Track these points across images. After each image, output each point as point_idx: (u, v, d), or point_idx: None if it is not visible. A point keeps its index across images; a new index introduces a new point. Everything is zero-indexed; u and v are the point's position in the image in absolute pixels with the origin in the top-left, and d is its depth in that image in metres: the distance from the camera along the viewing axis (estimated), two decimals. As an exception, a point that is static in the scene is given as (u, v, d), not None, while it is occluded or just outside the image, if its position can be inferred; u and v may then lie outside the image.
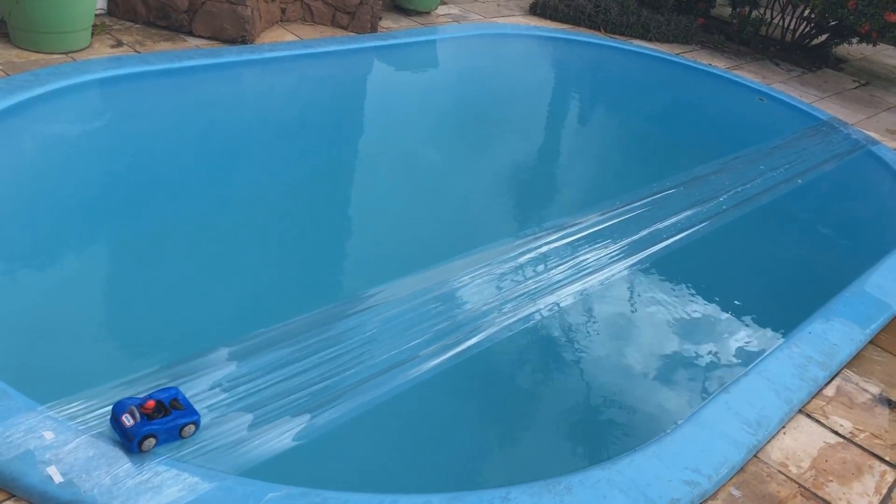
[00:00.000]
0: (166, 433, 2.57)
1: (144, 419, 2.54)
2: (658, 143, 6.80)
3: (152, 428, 2.52)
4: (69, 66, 5.02)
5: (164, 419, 2.57)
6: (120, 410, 2.56)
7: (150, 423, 2.53)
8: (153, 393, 2.68)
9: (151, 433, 2.52)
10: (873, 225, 5.83)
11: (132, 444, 2.50)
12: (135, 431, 2.50)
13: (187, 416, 2.63)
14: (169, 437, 2.59)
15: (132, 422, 2.52)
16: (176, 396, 2.68)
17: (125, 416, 2.53)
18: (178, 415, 2.61)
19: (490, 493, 2.61)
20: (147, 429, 2.51)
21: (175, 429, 2.60)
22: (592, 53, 8.19)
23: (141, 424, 2.51)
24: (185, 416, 2.62)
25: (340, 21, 6.86)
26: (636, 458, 2.88)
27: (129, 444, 2.51)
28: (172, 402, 2.65)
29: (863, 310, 4.16)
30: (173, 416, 2.60)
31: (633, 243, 4.57)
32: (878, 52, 10.71)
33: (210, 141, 5.04)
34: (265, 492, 2.43)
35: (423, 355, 3.31)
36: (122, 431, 2.52)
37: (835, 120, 7.41)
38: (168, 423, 2.57)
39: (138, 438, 2.49)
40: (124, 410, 2.55)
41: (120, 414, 2.55)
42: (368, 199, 4.78)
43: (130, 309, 3.40)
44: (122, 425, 2.52)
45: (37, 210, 3.89)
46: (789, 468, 3.07)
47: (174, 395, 2.68)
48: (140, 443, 2.50)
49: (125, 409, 2.56)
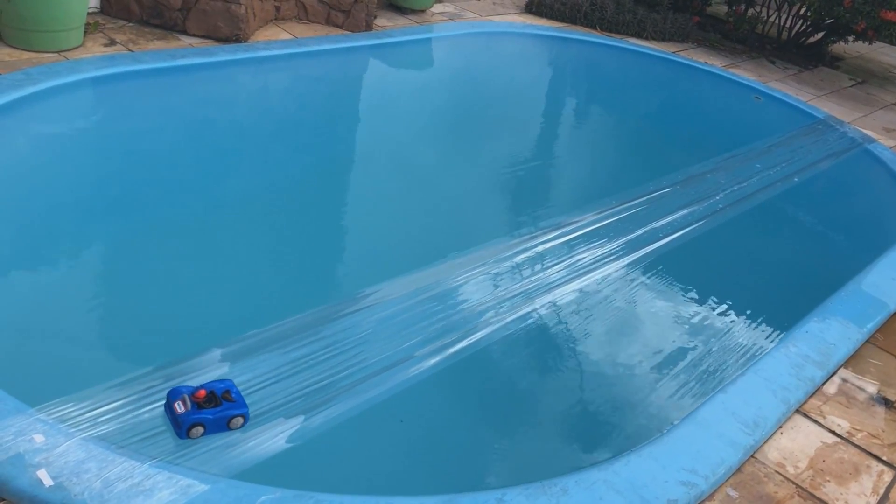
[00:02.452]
0: (214, 423, 2.64)
1: (195, 407, 2.62)
2: (654, 141, 6.78)
3: (201, 417, 2.61)
4: (62, 65, 4.99)
5: (214, 409, 2.64)
6: (174, 397, 2.65)
7: (199, 412, 2.61)
8: (207, 383, 2.75)
9: (200, 422, 2.60)
10: (870, 223, 5.83)
11: (181, 430, 2.59)
12: (184, 419, 2.59)
13: (237, 408, 2.69)
14: (217, 427, 2.66)
15: (183, 409, 2.61)
16: (229, 389, 2.74)
17: (177, 403, 2.63)
18: (228, 406, 2.68)
19: (485, 494, 2.59)
20: (196, 417, 2.60)
21: (223, 420, 2.66)
22: (588, 52, 8.18)
23: (191, 412, 2.60)
24: (234, 409, 2.68)
25: (335, 19, 6.83)
26: (632, 459, 2.86)
27: (177, 430, 2.60)
28: (225, 393, 2.71)
29: (860, 309, 4.15)
30: (223, 407, 2.66)
31: (629, 242, 4.56)
32: (874, 50, 10.71)
33: (204, 140, 5.01)
34: (258, 494, 2.41)
35: (419, 356, 3.29)
36: (173, 418, 2.61)
37: (831, 118, 7.40)
38: (217, 413, 2.64)
39: (187, 426, 2.58)
40: (177, 397, 2.64)
41: (173, 401, 2.64)
42: (363, 199, 4.76)
43: (122, 309, 3.38)
44: (173, 412, 2.61)
45: (29, 209, 3.86)
46: (786, 468, 3.06)
47: (227, 388, 2.74)
48: (188, 430, 2.59)
49: (178, 396, 2.65)
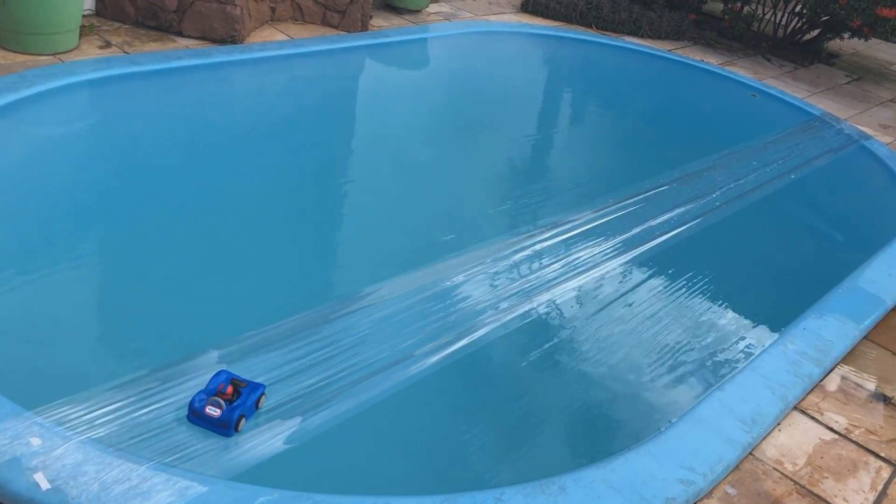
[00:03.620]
0: (249, 409, 2.75)
1: (228, 405, 2.69)
2: (651, 139, 6.78)
3: (242, 408, 2.71)
4: (57, 68, 4.98)
5: (242, 399, 2.74)
6: (200, 406, 2.70)
7: (235, 406, 2.70)
8: (214, 381, 2.79)
9: (242, 414, 2.71)
10: (867, 220, 5.83)
11: (229, 429, 2.67)
12: (228, 418, 2.67)
13: (257, 388, 2.81)
14: (251, 411, 2.77)
15: (218, 411, 2.67)
16: (233, 376, 2.82)
17: (209, 409, 2.68)
18: (250, 390, 2.78)
19: (483, 494, 2.59)
20: (238, 412, 2.69)
21: (253, 403, 2.77)
22: (584, 50, 8.18)
23: (230, 410, 2.68)
24: (256, 390, 2.79)
25: (331, 20, 6.83)
26: (630, 457, 2.86)
27: (226, 430, 2.68)
28: (234, 381, 2.80)
29: (857, 305, 4.15)
30: (245, 392, 2.76)
31: (626, 240, 4.55)
32: (870, 47, 10.72)
33: (200, 142, 5.00)
34: (256, 496, 2.41)
35: (417, 355, 3.29)
36: (214, 422, 2.67)
37: (827, 115, 7.41)
38: (247, 400, 2.75)
39: (234, 422, 2.68)
40: (205, 404, 2.69)
41: (202, 409, 2.69)
42: (360, 199, 4.75)
43: (119, 311, 3.37)
44: (210, 418, 2.67)
45: (25, 212, 3.85)
46: (784, 465, 3.06)
47: (232, 376, 2.83)
48: (236, 425, 2.69)
49: (205, 402, 2.70)
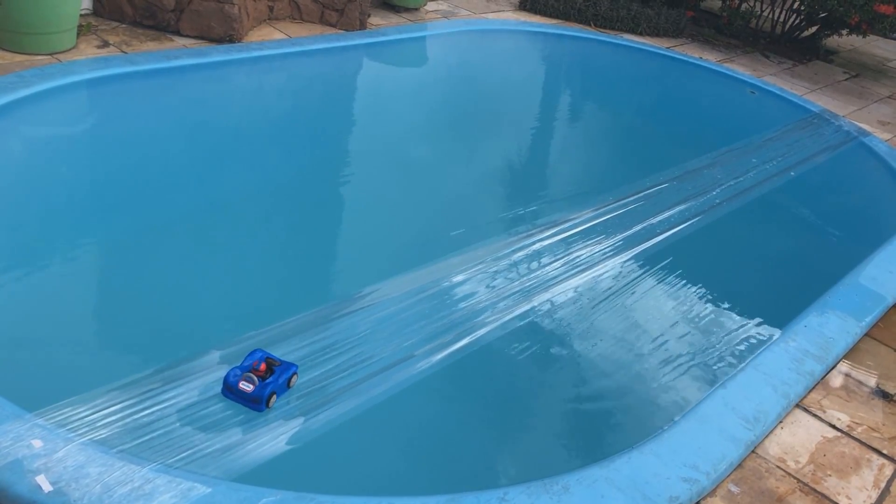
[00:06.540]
0: (280, 387, 2.84)
1: (261, 381, 2.78)
2: (650, 137, 6.78)
3: (274, 385, 2.80)
4: (55, 68, 4.97)
5: (274, 377, 2.83)
6: (234, 381, 2.78)
7: (268, 383, 2.79)
8: (249, 358, 2.87)
9: (273, 391, 2.80)
10: (866, 216, 5.83)
11: (261, 404, 2.77)
12: (260, 393, 2.76)
13: (289, 368, 2.90)
14: (282, 389, 2.86)
15: (251, 387, 2.76)
16: (268, 356, 2.91)
17: (242, 384, 2.77)
18: (282, 369, 2.87)
19: (487, 493, 2.58)
20: (270, 388, 2.78)
21: (285, 382, 2.87)
22: (583, 48, 8.17)
23: (262, 386, 2.77)
24: (288, 370, 2.89)
25: (329, 18, 6.81)
26: (633, 456, 2.86)
27: (257, 405, 2.77)
28: (268, 360, 2.89)
29: (858, 302, 4.15)
30: (278, 371, 2.85)
31: (626, 239, 4.55)
32: (868, 44, 10.72)
33: (199, 141, 4.99)
34: (259, 497, 2.40)
35: (418, 355, 3.28)
36: (246, 396, 2.76)
37: (826, 112, 7.41)
38: (279, 378, 2.83)
39: (266, 397, 2.77)
40: (238, 379, 2.78)
41: (236, 384, 2.77)
42: (359, 198, 4.74)
43: (119, 312, 3.36)
44: (243, 392, 2.76)
45: (23, 213, 3.84)
46: (787, 463, 3.06)
47: (267, 355, 2.91)
48: (268, 401, 2.78)
49: (239, 378, 2.79)
